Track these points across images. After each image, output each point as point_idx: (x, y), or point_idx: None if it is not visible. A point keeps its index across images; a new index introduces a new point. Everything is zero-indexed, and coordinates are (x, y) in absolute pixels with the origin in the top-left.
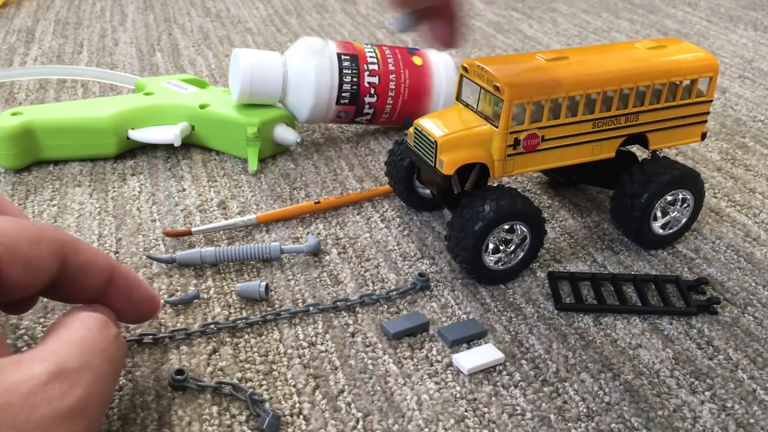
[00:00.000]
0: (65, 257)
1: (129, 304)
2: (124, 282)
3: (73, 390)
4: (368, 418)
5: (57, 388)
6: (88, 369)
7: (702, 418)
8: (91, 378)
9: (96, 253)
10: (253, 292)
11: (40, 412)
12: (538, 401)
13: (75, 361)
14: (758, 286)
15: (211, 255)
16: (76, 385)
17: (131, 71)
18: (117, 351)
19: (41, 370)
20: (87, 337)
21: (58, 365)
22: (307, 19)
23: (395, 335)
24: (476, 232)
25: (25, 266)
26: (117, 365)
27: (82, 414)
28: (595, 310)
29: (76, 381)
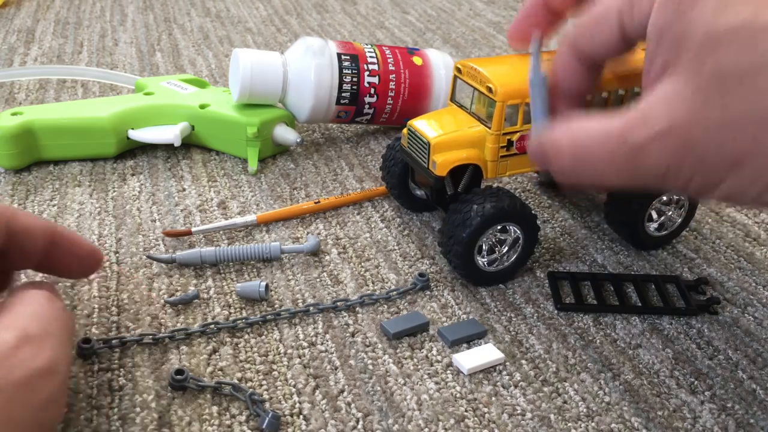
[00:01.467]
0: (6, 224)
1: (74, 260)
2: (67, 241)
3: (41, 352)
4: (368, 418)
5: (27, 351)
6: (49, 335)
7: (702, 418)
8: (54, 342)
9: (34, 217)
10: (254, 292)
11: (16, 373)
12: (538, 401)
13: (36, 329)
14: (758, 286)
15: (211, 255)
16: (42, 348)
17: (131, 71)
18: (68, 319)
19: (9, 337)
20: (39, 309)
21: (23, 332)
22: (307, 19)
23: (395, 335)
24: (465, 237)
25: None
26: (70, 332)
27: (54, 372)
28: (595, 310)
29: (41, 345)
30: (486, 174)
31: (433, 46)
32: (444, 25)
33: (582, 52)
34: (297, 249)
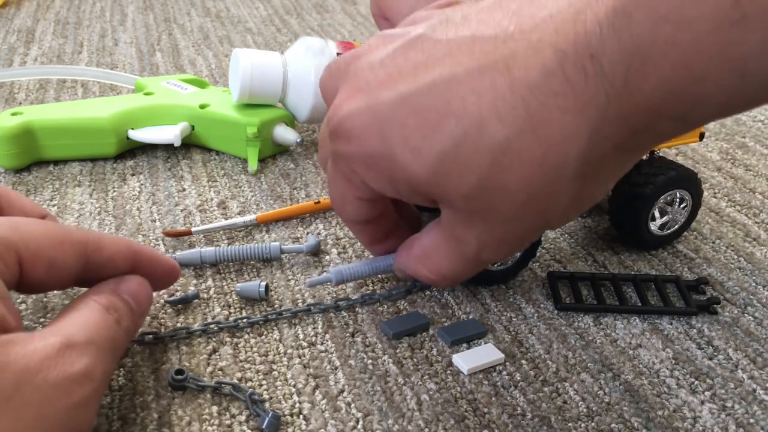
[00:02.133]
0: (88, 257)
1: (152, 279)
2: (147, 262)
3: (80, 359)
4: (368, 418)
5: (67, 356)
6: (92, 344)
7: (702, 418)
8: (95, 351)
9: (117, 244)
10: (253, 292)
11: (54, 374)
12: (538, 401)
13: (81, 337)
14: (758, 286)
15: (211, 255)
16: (82, 355)
17: (131, 71)
18: (116, 333)
19: (53, 341)
20: (90, 319)
21: (66, 338)
22: (307, 19)
23: (395, 335)
24: None
25: (48, 266)
26: (115, 345)
27: (90, 378)
28: (595, 310)
29: (82, 352)
30: None
31: None
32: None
33: (360, 222)
34: (297, 249)
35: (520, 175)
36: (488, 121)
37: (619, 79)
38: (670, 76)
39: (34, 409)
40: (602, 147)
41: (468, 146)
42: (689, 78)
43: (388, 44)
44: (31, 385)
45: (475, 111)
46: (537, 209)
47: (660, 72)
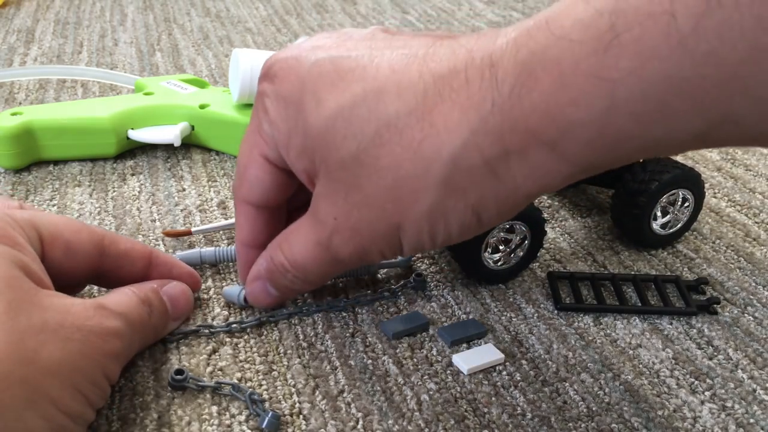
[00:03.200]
0: (105, 247)
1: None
2: (163, 264)
3: (112, 319)
4: (368, 418)
5: (102, 314)
6: (122, 315)
7: (702, 418)
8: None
9: (134, 242)
10: (233, 297)
11: (92, 322)
12: (538, 401)
13: (112, 305)
14: (758, 286)
15: (210, 255)
16: (114, 318)
17: (131, 71)
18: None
19: (89, 302)
20: (124, 299)
21: (100, 302)
22: (307, 19)
23: (395, 335)
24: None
25: (66, 249)
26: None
27: (120, 338)
28: (595, 310)
29: (114, 316)
30: None
31: None
32: (444, 25)
33: (253, 202)
34: None
35: (394, 154)
36: (388, 92)
37: (506, 89)
38: (548, 94)
39: (77, 345)
40: (473, 156)
41: (362, 110)
42: (565, 98)
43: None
44: (75, 325)
45: (381, 80)
46: (396, 201)
47: (541, 87)
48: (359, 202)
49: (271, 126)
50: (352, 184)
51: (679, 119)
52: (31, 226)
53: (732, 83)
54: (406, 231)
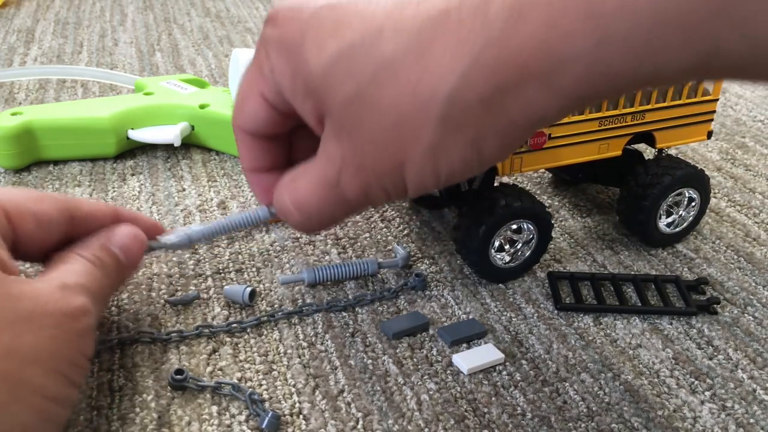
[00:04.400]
0: (70, 211)
1: None
2: (128, 218)
3: (77, 296)
4: (368, 418)
5: (66, 293)
6: (83, 287)
7: (702, 418)
8: (87, 293)
9: (95, 203)
10: (238, 296)
11: (61, 304)
12: (538, 401)
13: (72, 280)
14: (758, 286)
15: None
16: (78, 294)
17: (131, 71)
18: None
19: (52, 283)
20: (76, 268)
21: (61, 281)
22: None
23: (395, 335)
24: (483, 232)
25: (35, 220)
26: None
27: (87, 314)
28: (595, 310)
29: (77, 292)
30: (500, 171)
31: None
32: None
33: (251, 131)
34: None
35: (394, 93)
36: (384, 35)
37: (497, 26)
38: (539, 30)
39: (50, 331)
40: (468, 94)
41: (360, 53)
42: (556, 34)
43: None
44: (45, 311)
45: (378, 23)
46: (398, 139)
47: (532, 24)
48: (364, 141)
49: (273, 72)
50: (356, 123)
51: (669, 53)
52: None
53: (720, 17)
54: (409, 169)
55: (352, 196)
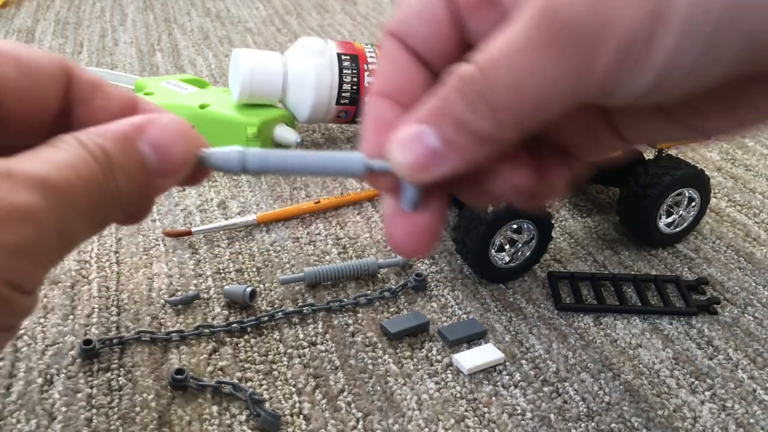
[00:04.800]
0: (69, 69)
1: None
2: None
3: (21, 192)
4: (368, 418)
5: (2, 185)
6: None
7: (702, 418)
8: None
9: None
10: (238, 296)
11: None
12: (538, 401)
13: (31, 169)
14: (758, 286)
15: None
16: (26, 190)
17: (131, 71)
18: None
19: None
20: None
21: (7, 167)
22: (307, 19)
23: (395, 335)
24: (482, 232)
25: (17, 66)
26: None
27: (33, 221)
28: (595, 310)
29: (27, 187)
30: None
31: None
32: None
33: (409, 46)
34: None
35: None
36: None
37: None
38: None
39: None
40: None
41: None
42: None
43: None
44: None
45: None
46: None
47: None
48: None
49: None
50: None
51: None
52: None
53: None
54: (661, 28)
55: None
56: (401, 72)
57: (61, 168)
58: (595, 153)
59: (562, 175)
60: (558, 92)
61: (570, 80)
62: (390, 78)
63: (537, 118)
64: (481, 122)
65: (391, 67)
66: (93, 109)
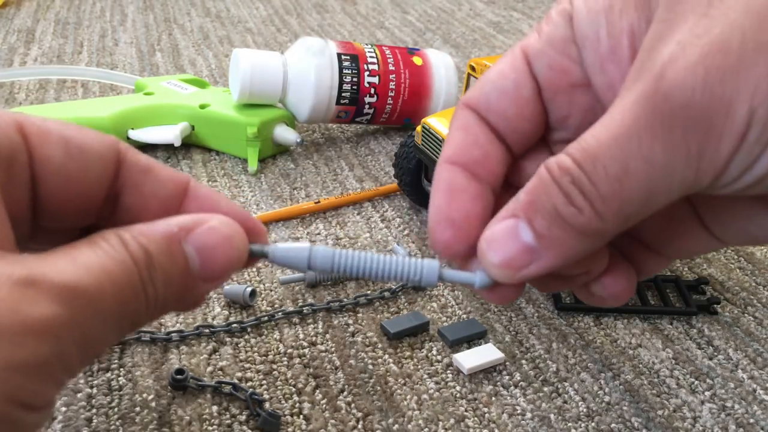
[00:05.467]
0: (121, 152)
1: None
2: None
3: (44, 304)
4: (368, 418)
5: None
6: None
7: (702, 418)
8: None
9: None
10: (238, 296)
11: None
12: (539, 401)
13: (58, 276)
14: (758, 286)
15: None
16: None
17: (131, 71)
18: (133, 294)
19: (12, 271)
20: (93, 260)
21: (32, 273)
22: (307, 19)
23: (395, 335)
24: None
25: (65, 146)
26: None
27: (54, 334)
28: (595, 310)
29: (51, 296)
30: None
31: (433, 46)
32: (444, 25)
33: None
34: (459, 278)
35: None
36: None
37: None
38: None
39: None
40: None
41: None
42: None
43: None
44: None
45: None
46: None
47: None
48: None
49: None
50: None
51: None
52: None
53: None
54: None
55: (682, 100)
56: (477, 144)
57: (94, 272)
58: (679, 248)
59: (642, 266)
60: (668, 180)
61: (684, 167)
62: (465, 148)
63: (642, 209)
64: (578, 215)
65: (466, 138)
66: (143, 195)
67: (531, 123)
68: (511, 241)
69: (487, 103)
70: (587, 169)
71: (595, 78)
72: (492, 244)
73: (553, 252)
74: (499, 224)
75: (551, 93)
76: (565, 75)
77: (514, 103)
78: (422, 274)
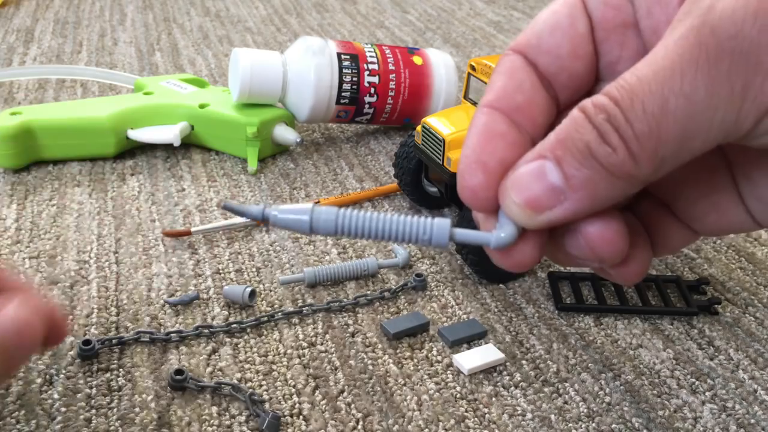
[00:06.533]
0: None
1: None
2: (12, 288)
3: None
4: (368, 419)
5: None
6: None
7: (703, 419)
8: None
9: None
10: (238, 296)
11: None
12: (539, 401)
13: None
14: (759, 286)
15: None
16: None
17: (131, 71)
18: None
19: None
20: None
21: None
22: (307, 19)
23: (395, 335)
24: None
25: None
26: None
27: None
28: (595, 310)
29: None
30: None
31: (433, 45)
32: (444, 25)
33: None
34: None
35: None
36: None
37: None
38: None
39: None
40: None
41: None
42: None
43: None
44: None
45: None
46: None
47: None
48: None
49: None
50: None
51: None
52: None
53: None
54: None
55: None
56: (521, 90)
57: None
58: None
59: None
60: (708, 121)
61: (726, 106)
62: (507, 93)
63: (678, 154)
64: (611, 155)
65: (509, 82)
66: None
67: (583, 63)
68: (537, 182)
69: (538, 42)
70: (624, 105)
71: (642, 22)
72: (516, 183)
73: (581, 194)
74: (525, 165)
75: (604, 32)
76: (618, 12)
77: (569, 40)
78: (432, 233)
